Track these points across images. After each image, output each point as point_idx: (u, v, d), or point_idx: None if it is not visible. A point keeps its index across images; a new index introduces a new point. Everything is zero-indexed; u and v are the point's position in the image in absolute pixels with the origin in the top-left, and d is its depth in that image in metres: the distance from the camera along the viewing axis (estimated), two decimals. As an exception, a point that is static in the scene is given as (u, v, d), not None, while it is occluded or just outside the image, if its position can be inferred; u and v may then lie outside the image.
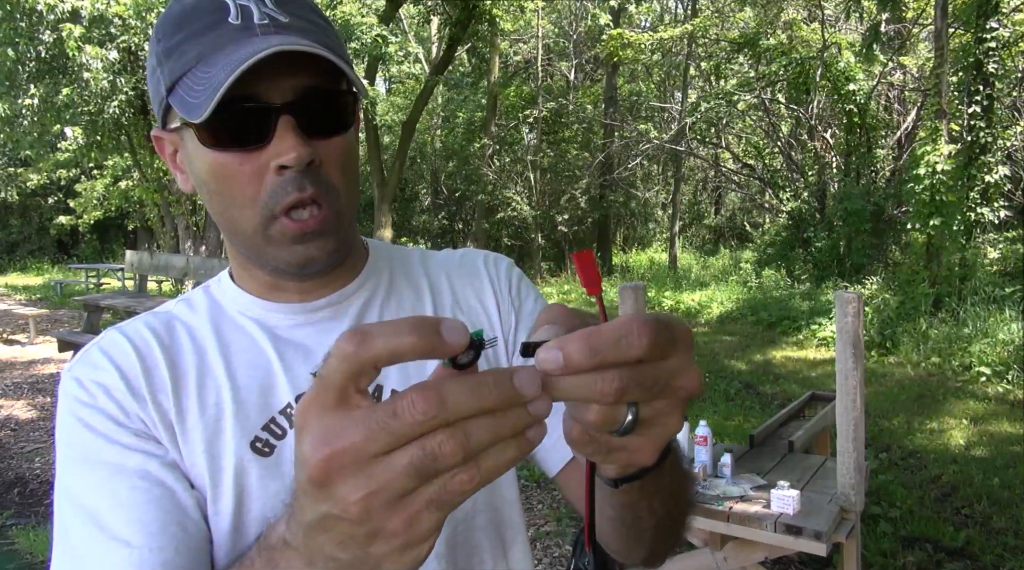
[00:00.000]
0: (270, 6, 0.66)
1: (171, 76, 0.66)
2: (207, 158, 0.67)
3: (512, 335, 0.84)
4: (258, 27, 0.65)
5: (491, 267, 0.86)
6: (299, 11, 0.68)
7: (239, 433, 0.70)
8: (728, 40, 16.01)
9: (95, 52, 9.87)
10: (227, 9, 0.65)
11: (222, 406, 0.71)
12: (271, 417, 0.72)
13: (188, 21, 0.66)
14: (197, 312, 0.77)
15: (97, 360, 0.71)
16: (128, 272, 8.96)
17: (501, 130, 18.47)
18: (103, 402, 0.68)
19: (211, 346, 0.74)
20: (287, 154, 0.65)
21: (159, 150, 0.73)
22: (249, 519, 0.69)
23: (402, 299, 0.81)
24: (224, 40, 0.64)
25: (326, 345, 0.74)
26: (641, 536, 0.65)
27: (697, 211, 24.20)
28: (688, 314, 11.23)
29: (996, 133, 9.98)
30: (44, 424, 5.73)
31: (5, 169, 20.80)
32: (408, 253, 0.87)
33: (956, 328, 7.69)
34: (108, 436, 0.67)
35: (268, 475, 0.70)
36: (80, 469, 0.67)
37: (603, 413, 0.40)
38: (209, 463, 0.69)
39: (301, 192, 0.66)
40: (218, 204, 0.70)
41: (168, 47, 0.66)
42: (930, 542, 3.59)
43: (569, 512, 4.00)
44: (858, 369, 2.56)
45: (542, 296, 0.88)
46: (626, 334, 0.38)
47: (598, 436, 0.43)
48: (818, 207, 13.78)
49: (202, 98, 0.62)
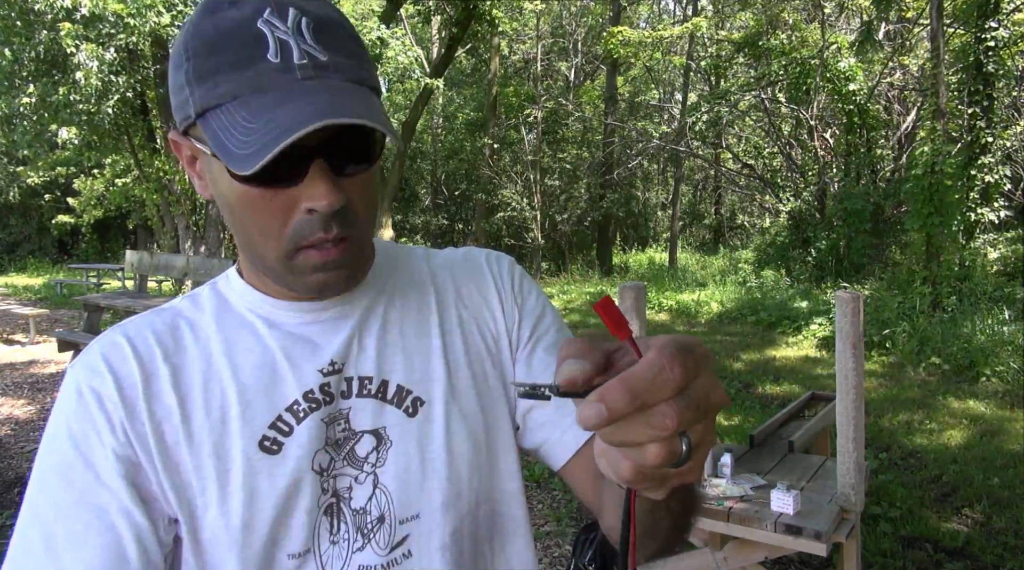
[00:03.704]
0: (309, 41, 0.64)
1: (202, 103, 0.64)
2: (234, 187, 0.66)
3: (516, 331, 0.84)
4: (298, 69, 0.63)
5: (493, 265, 0.87)
6: (337, 42, 0.66)
7: (247, 433, 0.71)
8: (728, 40, 16.01)
9: (91, 50, 9.85)
10: (265, 43, 0.63)
11: (228, 407, 0.71)
12: (278, 415, 0.72)
13: (223, 48, 0.63)
14: (203, 310, 0.77)
15: (95, 364, 0.71)
16: (128, 272, 8.96)
17: (501, 130, 18.47)
18: (95, 412, 0.69)
19: (216, 348, 0.74)
20: (319, 200, 0.65)
21: (176, 151, 0.73)
22: (261, 517, 0.70)
23: (407, 298, 0.82)
24: (263, 82, 0.63)
25: (333, 342, 0.75)
26: (658, 534, 0.66)
27: (697, 211, 24.21)
28: (688, 314, 11.23)
29: (996, 133, 9.98)
30: (44, 424, 5.73)
31: (5, 168, 20.80)
32: (412, 252, 0.88)
33: (956, 328, 7.69)
34: (87, 458, 0.68)
35: (277, 473, 0.70)
36: (53, 482, 0.68)
37: (663, 450, 0.41)
38: (216, 464, 0.70)
39: (327, 232, 0.67)
40: (240, 228, 0.70)
41: (200, 71, 0.64)
42: (930, 542, 3.59)
43: (569, 512, 4.00)
44: (858, 369, 2.57)
45: (543, 293, 0.89)
46: (659, 371, 0.39)
47: (657, 471, 0.43)
48: (818, 207, 13.78)
49: (246, 151, 0.61)
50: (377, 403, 0.75)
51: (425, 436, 0.76)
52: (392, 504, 0.74)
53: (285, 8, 0.64)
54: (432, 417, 0.77)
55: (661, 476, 0.44)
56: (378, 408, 0.75)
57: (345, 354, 0.75)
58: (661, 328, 10.10)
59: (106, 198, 18.44)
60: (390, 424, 0.75)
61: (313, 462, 0.72)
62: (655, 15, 22.61)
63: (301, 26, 0.64)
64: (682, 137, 16.93)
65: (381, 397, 0.76)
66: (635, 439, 0.40)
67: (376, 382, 0.76)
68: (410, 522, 0.74)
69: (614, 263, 17.75)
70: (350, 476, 0.73)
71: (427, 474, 0.75)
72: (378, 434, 0.75)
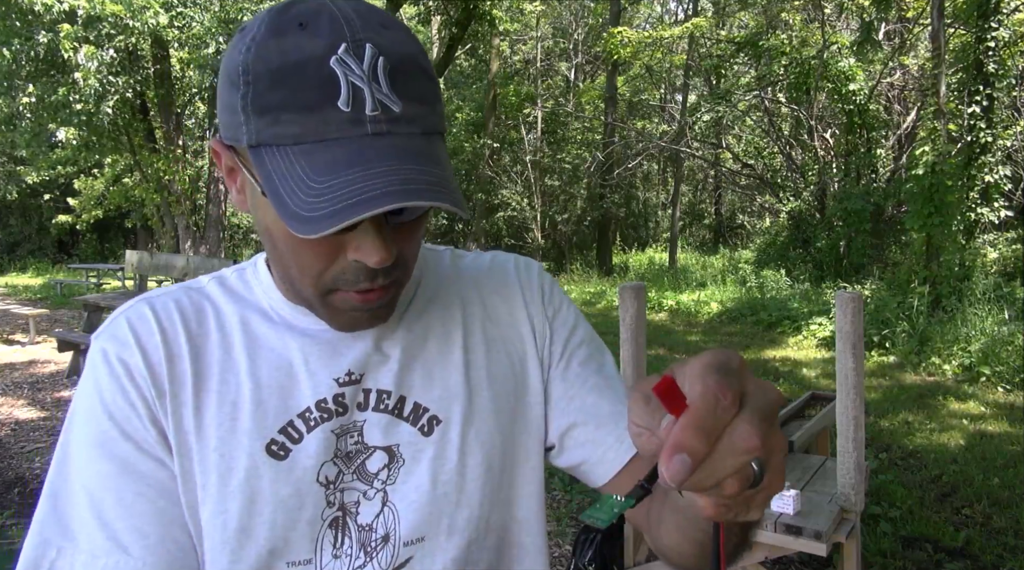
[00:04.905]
0: (384, 90, 0.59)
1: (259, 138, 0.60)
2: (279, 223, 0.62)
3: (547, 348, 0.82)
4: (369, 122, 0.58)
5: (522, 274, 0.84)
6: (412, 87, 0.62)
7: (255, 434, 0.69)
8: (728, 40, 16.01)
9: (90, 52, 9.86)
10: (337, 88, 0.58)
11: (240, 405, 0.70)
12: (289, 420, 0.70)
13: (290, 83, 0.58)
14: (229, 297, 0.75)
15: (123, 335, 0.70)
16: (128, 272, 8.95)
17: (501, 130, 18.47)
18: (126, 383, 0.68)
19: (238, 340, 0.72)
20: (369, 257, 0.62)
21: (215, 158, 0.69)
22: (259, 522, 0.68)
23: (432, 308, 0.79)
24: (328, 131, 0.58)
25: (354, 350, 0.73)
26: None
27: (697, 211, 24.21)
28: (688, 314, 11.23)
29: (996, 133, 9.98)
30: (44, 424, 5.73)
31: (4, 167, 20.81)
32: (439, 256, 0.85)
33: (956, 328, 7.69)
34: (123, 429, 0.67)
35: (280, 479, 0.69)
36: (93, 453, 0.67)
37: (740, 476, 0.40)
38: (219, 462, 0.68)
39: (372, 282, 0.65)
40: (278, 258, 0.67)
41: (261, 102, 0.59)
42: (930, 542, 3.59)
43: (569, 512, 4.00)
44: (858, 369, 2.56)
45: (572, 303, 0.86)
46: (716, 402, 0.39)
47: (738, 498, 0.42)
48: (818, 207, 13.78)
49: (310, 214, 0.57)
50: (392, 419, 0.73)
51: (439, 457, 0.73)
52: (398, 524, 0.72)
53: (362, 45, 0.59)
54: (448, 438, 0.74)
55: (745, 499, 0.43)
56: (393, 424, 0.73)
57: (365, 364, 0.73)
58: (661, 328, 10.11)
59: (106, 198, 18.44)
60: (404, 442, 0.73)
61: (319, 474, 0.70)
62: (656, 15, 22.61)
63: (377, 69, 0.59)
64: (682, 137, 16.94)
65: (397, 414, 0.73)
66: (722, 474, 0.40)
67: (394, 397, 0.74)
68: (415, 545, 0.72)
69: (614, 263, 17.75)
70: (359, 491, 0.71)
71: (437, 497, 0.73)
72: (391, 451, 0.73)
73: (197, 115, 15.91)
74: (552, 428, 0.81)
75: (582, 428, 0.79)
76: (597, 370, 0.82)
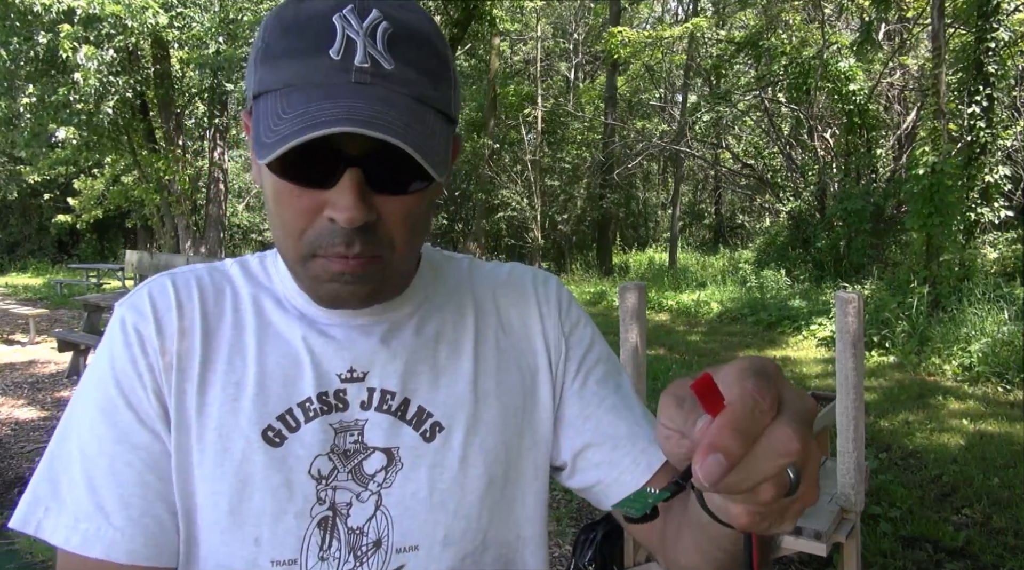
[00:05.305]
0: (379, 47, 0.60)
1: (260, 85, 0.63)
2: (269, 177, 0.64)
3: (561, 365, 0.80)
4: (355, 71, 0.59)
5: (539, 287, 0.83)
6: (412, 55, 0.62)
7: (254, 418, 0.69)
8: (728, 40, 16.01)
9: (90, 52, 9.86)
10: (332, 37, 0.60)
11: (244, 388, 0.70)
12: (288, 408, 0.70)
13: (294, 33, 0.61)
14: (248, 281, 0.76)
15: (142, 305, 0.72)
16: (128, 272, 8.96)
17: (501, 130, 18.47)
18: (138, 353, 0.70)
19: (250, 324, 0.73)
20: (341, 213, 0.61)
21: (245, 129, 0.70)
22: (248, 508, 0.68)
23: (445, 314, 0.78)
24: (314, 76, 0.60)
25: (360, 348, 0.73)
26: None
27: (697, 211, 24.21)
28: (688, 314, 11.23)
29: (996, 133, 9.98)
30: (44, 424, 5.73)
31: (5, 167, 20.80)
32: (456, 262, 0.84)
33: (956, 328, 7.68)
34: (128, 398, 0.69)
35: (273, 467, 0.68)
36: (97, 417, 0.69)
37: (776, 482, 0.40)
38: (217, 442, 0.69)
39: (348, 248, 0.63)
40: (271, 219, 0.68)
41: (269, 51, 0.62)
42: (930, 542, 3.59)
43: (569, 512, 4.00)
44: (858, 369, 2.56)
45: (590, 320, 0.85)
46: (754, 404, 0.38)
47: (772, 507, 0.41)
48: (818, 207, 13.78)
49: (270, 139, 0.59)
50: (395, 421, 0.72)
51: (438, 465, 0.72)
52: (392, 530, 0.70)
53: (368, 8, 0.61)
54: (449, 446, 0.73)
55: (780, 509, 0.42)
56: (395, 427, 0.72)
57: (371, 363, 0.73)
58: (661, 328, 10.11)
59: (106, 198, 18.44)
60: (404, 445, 0.72)
61: (311, 466, 0.69)
62: (656, 15, 22.61)
63: (377, 30, 0.61)
64: (682, 137, 16.93)
65: (400, 416, 0.72)
66: (758, 477, 0.39)
67: (398, 399, 0.72)
68: (408, 553, 0.71)
69: (614, 263, 17.75)
70: (352, 492, 0.70)
71: (434, 505, 0.72)
72: (390, 453, 0.71)
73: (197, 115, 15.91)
74: (564, 447, 0.79)
75: (597, 449, 0.77)
76: (615, 389, 0.80)
